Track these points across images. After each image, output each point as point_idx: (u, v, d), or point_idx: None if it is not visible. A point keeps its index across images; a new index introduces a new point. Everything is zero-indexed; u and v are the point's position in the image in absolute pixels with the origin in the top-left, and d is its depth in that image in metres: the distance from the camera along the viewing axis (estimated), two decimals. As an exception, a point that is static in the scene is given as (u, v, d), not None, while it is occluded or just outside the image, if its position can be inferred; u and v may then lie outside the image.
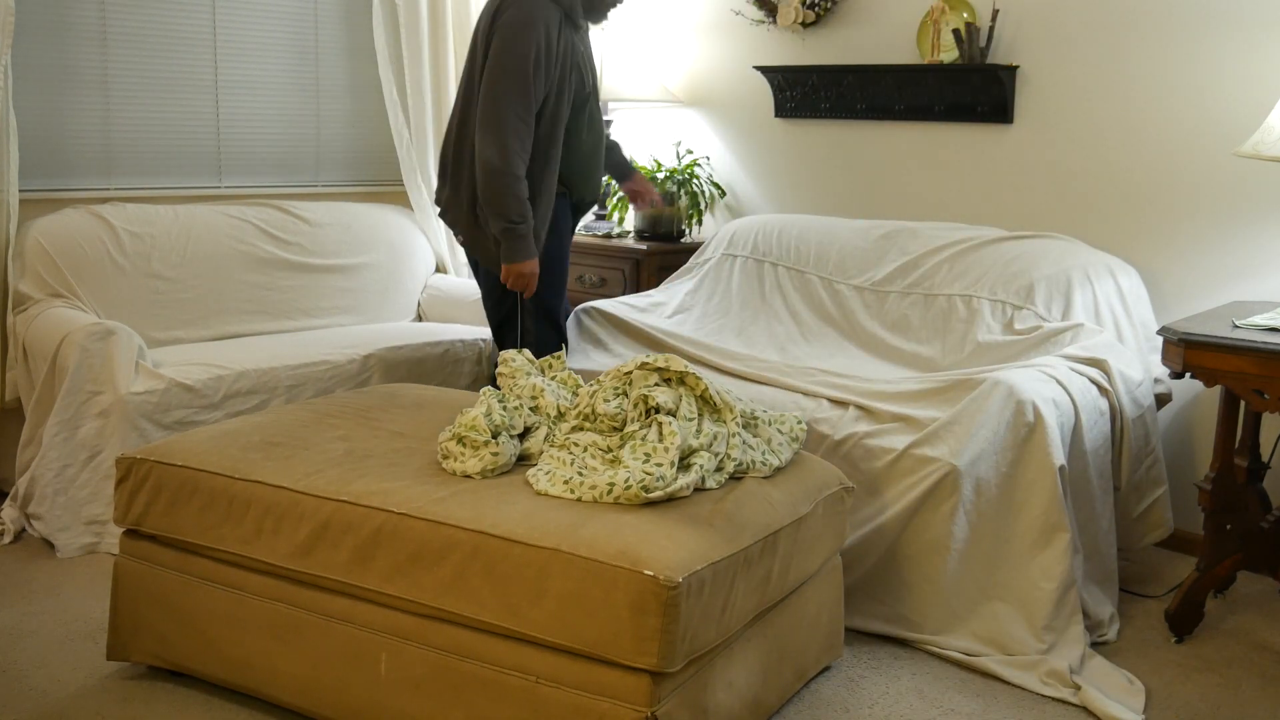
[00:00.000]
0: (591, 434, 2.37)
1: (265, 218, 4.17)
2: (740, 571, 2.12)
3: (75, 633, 2.78)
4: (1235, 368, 2.63)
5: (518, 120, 3.08)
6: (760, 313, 3.79)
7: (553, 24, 3.12)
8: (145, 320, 3.75)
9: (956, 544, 2.73)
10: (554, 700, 2.03)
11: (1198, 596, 2.88)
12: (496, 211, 3.11)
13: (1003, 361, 3.19)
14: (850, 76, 4.06)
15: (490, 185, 3.10)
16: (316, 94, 4.49)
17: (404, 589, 2.17)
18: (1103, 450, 2.95)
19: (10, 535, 3.33)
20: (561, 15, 3.17)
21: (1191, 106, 3.40)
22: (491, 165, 3.08)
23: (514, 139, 3.08)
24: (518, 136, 3.08)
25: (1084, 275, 3.32)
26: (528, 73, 3.07)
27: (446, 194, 3.34)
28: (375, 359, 3.80)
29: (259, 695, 2.42)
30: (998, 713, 2.52)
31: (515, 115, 3.08)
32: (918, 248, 3.63)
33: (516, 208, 3.10)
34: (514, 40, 3.08)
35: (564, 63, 3.18)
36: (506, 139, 3.07)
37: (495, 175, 3.08)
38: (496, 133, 3.07)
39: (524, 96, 3.08)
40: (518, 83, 3.07)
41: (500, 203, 3.10)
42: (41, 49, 3.78)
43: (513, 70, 3.07)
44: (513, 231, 3.12)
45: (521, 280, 3.19)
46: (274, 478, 2.36)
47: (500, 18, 3.13)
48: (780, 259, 3.87)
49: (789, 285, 3.81)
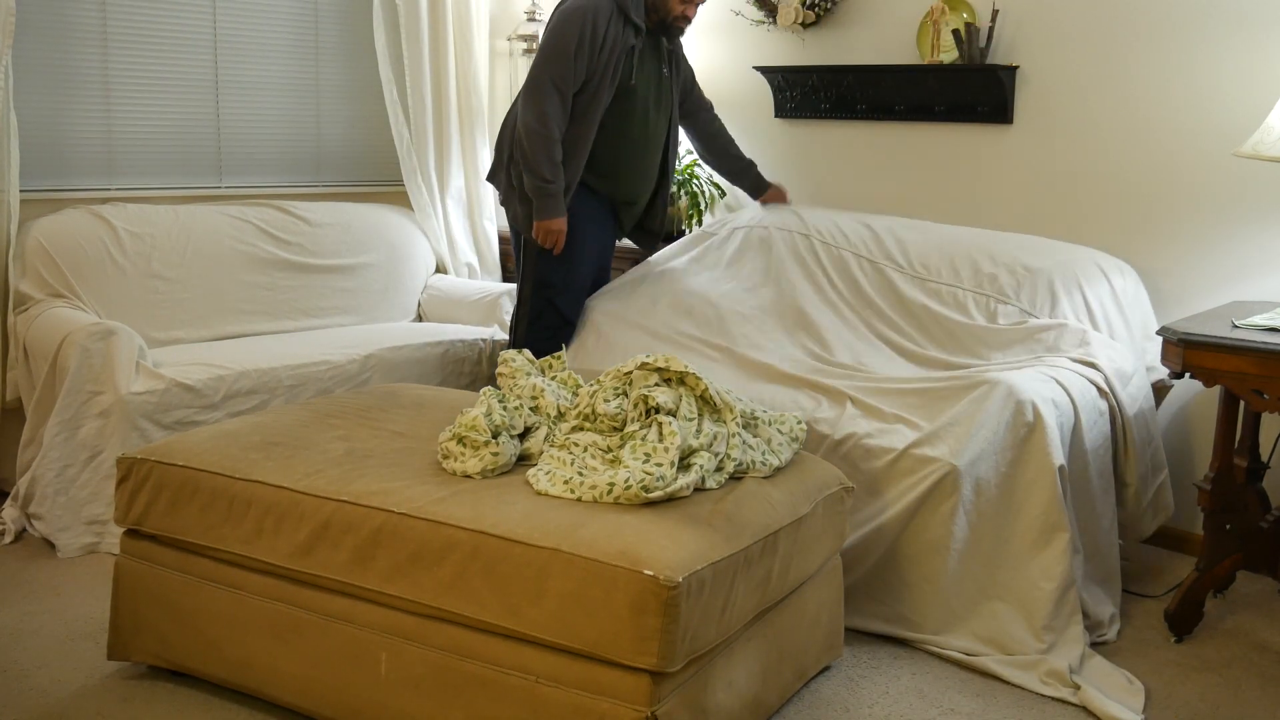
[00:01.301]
0: (591, 434, 2.37)
1: (265, 218, 4.17)
2: (740, 571, 2.12)
3: (76, 632, 2.78)
4: (1235, 368, 2.63)
5: (555, 91, 3.40)
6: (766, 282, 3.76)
7: (602, 14, 3.41)
8: (146, 320, 3.76)
9: (956, 544, 2.73)
10: (554, 700, 2.03)
11: (1197, 596, 2.88)
12: (530, 169, 3.42)
13: (985, 350, 3.21)
14: (850, 76, 4.06)
15: (527, 145, 3.41)
16: (316, 94, 4.49)
17: (404, 589, 2.17)
18: (1103, 450, 2.95)
19: (11, 535, 3.33)
20: (614, 8, 3.43)
21: (1191, 106, 3.40)
22: (530, 127, 3.40)
23: (551, 106, 3.39)
24: (555, 105, 3.40)
25: (1074, 274, 3.31)
26: (569, 52, 3.37)
27: (494, 162, 3.72)
28: (375, 359, 3.80)
29: (259, 695, 2.43)
30: (998, 713, 2.52)
31: (554, 87, 3.39)
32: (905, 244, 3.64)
33: (550, 168, 3.41)
34: (562, 23, 3.42)
35: (612, 51, 3.43)
36: (545, 106, 3.39)
37: (531, 136, 3.40)
38: (536, 100, 3.40)
39: (564, 71, 3.39)
40: (559, 59, 3.39)
41: (534, 161, 3.41)
42: (42, 49, 3.78)
43: (556, 49, 3.39)
44: (543, 190, 3.42)
45: (550, 236, 3.48)
46: (274, 478, 2.36)
47: (559, 6, 3.49)
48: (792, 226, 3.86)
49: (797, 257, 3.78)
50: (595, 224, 3.64)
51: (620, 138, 3.56)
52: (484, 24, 4.70)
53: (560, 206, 3.45)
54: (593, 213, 3.62)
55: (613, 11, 3.43)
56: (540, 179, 3.42)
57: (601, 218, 3.67)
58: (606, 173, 3.59)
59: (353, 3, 4.52)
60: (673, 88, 3.70)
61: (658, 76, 3.63)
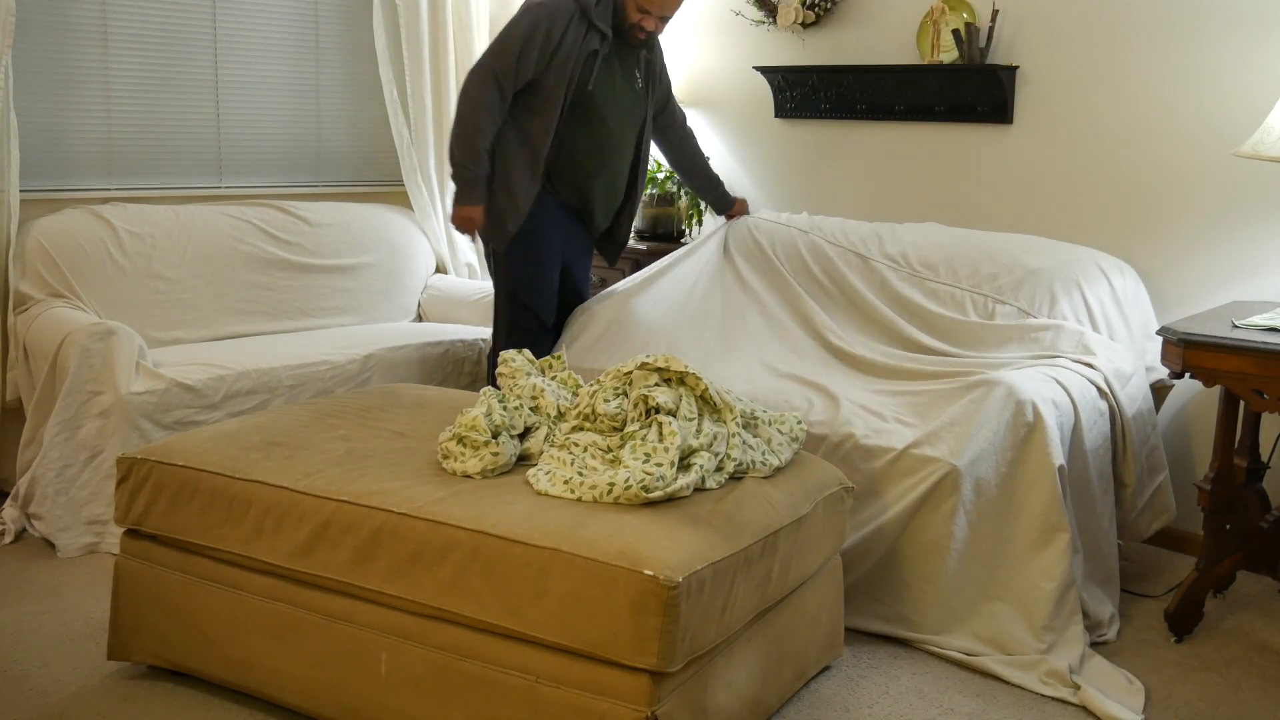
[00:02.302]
0: (591, 434, 2.37)
1: (265, 218, 4.17)
2: (740, 571, 2.12)
3: (76, 632, 2.78)
4: (1235, 368, 2.63)
5: (495, 83, 3.33)
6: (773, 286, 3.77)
7: (561, 16, 3.31)
8: (146, 320, 3.75)
9: (956, 544, 2.73)
10: (554, 700, 2.03)
11: (1197, 596, 2.88)
12: (452, 152, 3.40)
13: (980, 347, 3.22)
14: (850, 77, 4.06)
15: (454, 129, 3.39)
16: (316, 94, 4.49)
17: (404, 589, 2.17)
18: (1103, 450, 2.95)
19: (11, 535, 3.33)
20: (576, 10, 3.34)
21: (1191, 106, 3.40)
22: (460, 112, 3.37)
23: (487, 96, 3.33)
24: (491, 96, 3.34)
25: (1073, 274, 3.31)
26: (515, 49, 3.31)
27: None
28: (375, 359, 3.80)
29: (259, 695, 2.43)
30: (997, 713, 2.52)
31: (495, 79, 3.33)
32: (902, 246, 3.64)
33: (470, 155, 3.37)
34: (519, 18, 3.35)
35: (569, 55, 3.33)
36: (480, 94, 3.34)
37: (460, 120, 3.37)
38: (474, 88, 3.35)
39: (507, 66, 3.32)
40: (505, 53, 3.33)
41: (457, 145, 3.38)
42: (42, 49, 3.78)
43: (505, 42, 3.34)
44: (461, 175, 3.40)
45: (464, 224, 3.47)
46: (274, 478, 2.36)
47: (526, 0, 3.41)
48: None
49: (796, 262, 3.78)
50: (561, 232, 3.54)
51: (581, 146, 3.46)
52: (484, 24, 4.70)
53: (477, 194, 3.41)
54: (558, 220, 3.53)
55: (574, 14, 3.34)
56: (458, 164, 3.39)
57: (568, 225, 3.57)
58: (570, 181, 3.50)
59: (353, 3, 4.52)
60: (646, 99, 3.58)
61: (628, 86, 3.51)
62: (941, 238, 3.62)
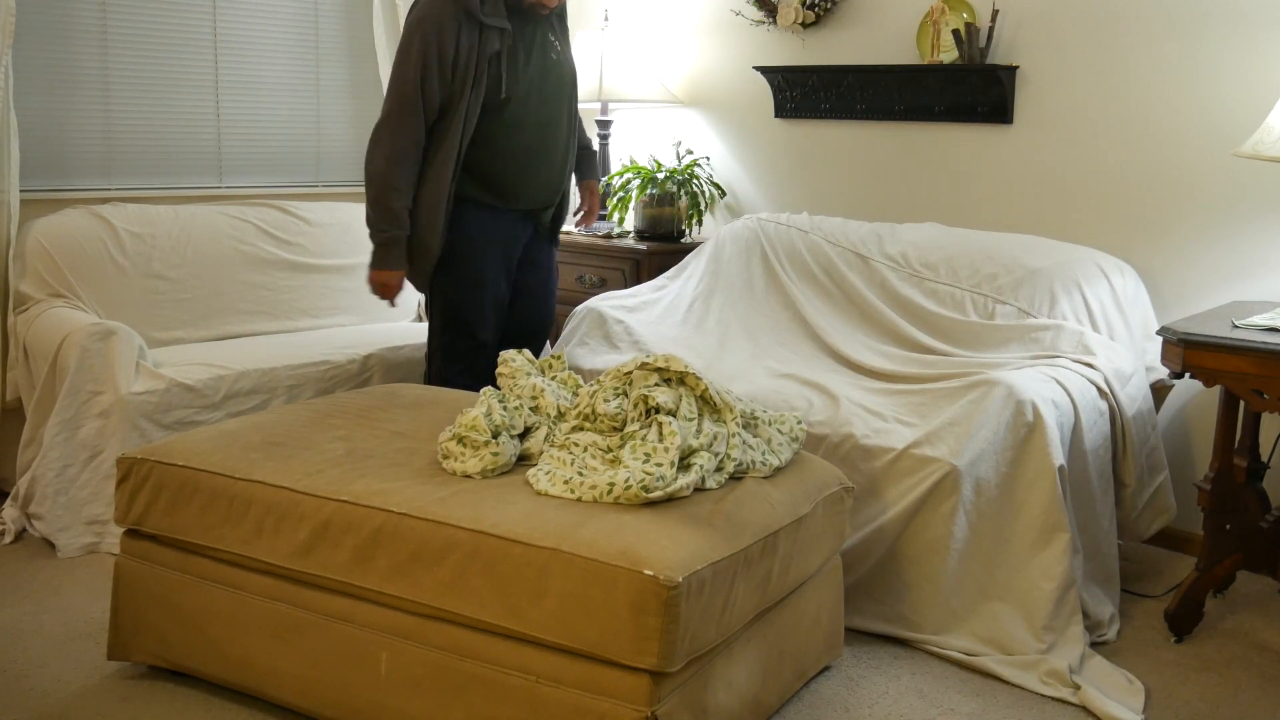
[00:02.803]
0: (591, 434, 2.37)
1: (265, 218, 4.17)
2: (740, 571, 2.12)
3: (76, 632, 2.78)
4: (1235, 368, 2.63)
5: (401, 131, 3.11)
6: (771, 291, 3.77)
7: (447, 24, 3.04)
8: (145, 320, 3.75)
9: (956, 544, 2.73)
10: (554, 700, 2.03)
11: (1197, 596, 2.88)
12: (369, 219, 3.19)
13: (980, 346, 3.21)
14: (850, 77, 4.06)
15: (369, 189, 3.17)
16: (316, 94, 4.49)
17: (404, 589, 2.17)
18: (1103, 450, 2.95)
19: (11, 535, 3.33)
20: (460, 13, 3.05)
21: (1191, 106, 3.40)
22: (373, 171, 3.15)
23: (400, 146, 3.11)
24: (402, 147, 3.12)
25: (1073, 274, 3.31)
26: (413, 80, 3.07)
27: None
28: (375, 359, 3.80)
29: (259, 695, 2.43)
30: (997, 713, 2.52)
31: (400, 125, 3.11)
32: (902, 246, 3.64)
33: (387, 216, 3.16)
34: (405, 44, 3.11)
35: (467, 65, 3.09)
36: (392, 146, 3.12)
37: (373, 180, 3.15)
38: (384, 141, 3.14)
39: (408, 105, 3.09)
40: (402, 91, 3.10)
41: (372, 209, 3.17)
42: (41, 49, 3.78)
43: (400, 83, 3.11)
44: (379, 238, 3.20)
45: (382, 290, 3.28)
46: (274, 478, 2.36)
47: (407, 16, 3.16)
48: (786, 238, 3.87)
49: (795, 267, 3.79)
50: (496, 242, 3.30)
51: (509, 151, 3.23)
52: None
53: (395, 259, 3.19)
54: (488, 228, 3.28)
55: (459, 19, 3.04)
56: (374, 227, 3.17)
57: (501, 230, 3.31)
58: (501, 187, 3.26)
59: (353, 3, 4.52)
60: (567, 60, 3.32)
61: (544, 61, 3.24)
62: (941, 238, 3.63)
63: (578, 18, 4.93)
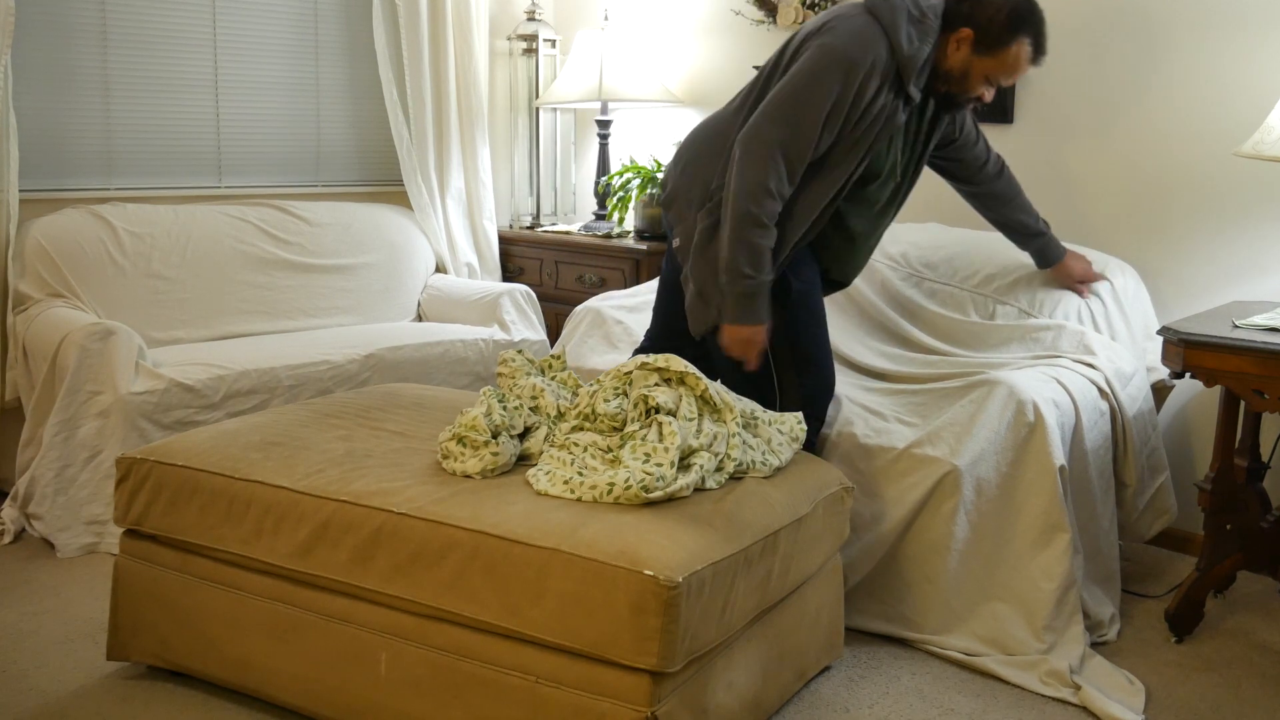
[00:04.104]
0: (591, 434, 2.37)
1: (265, 218, 4.17)
2: (740, 571, 2.12)
3: (75, 633, 2.78)
4: (1235, 368, 2.63)
5: (783, 161, 2.57)
6: None
7: (876, 73, 2.56)
8: (145, 320, 3.75)
9: (957, 544, 2.73)
10: (554, 700, 2.03)
11: (1198, 596, 2.88)
12: (733, 264, 2.58)
13: (981, 347, 3.21)
14: (850, 76, 4.04)
15: (733, 230, 2.58)
16: (316, 94, 4.49)
17: (404, 589, 2.17)
18: (1103, 450, 2.95)
19: (10, 535, 3.33)
20: (893, 70, 2.58)
21: (1191, 107, 3.40)
22: (737, 209, 2.57)
23: (774, 180, 2.56)
24: (778, 179, 2.57)
25: None
26: (817, 117, 2.56)
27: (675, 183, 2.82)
28: (375, 359, 3.80)
29: (259, 695, 2.42)
30: (998, 713, 2.52)
31: (782, 155, 2.57)
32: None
33: (755, 260, 2.58)
34: (821, 72, 2.55)
35: (872, 125, 2.63)
36: (765, 178, 2.56)
37: (739, 220, 2.57)
38: (755, 167, 2.57)
39: (800, 140, 2.57)
40: (799, 123, 2.57)
41: (740, 252, 2.57)
42: (41, 49, 3.78)
43: (802, 105, 2.56)
44: (741, 287, 2.59)
45: (741, 346, 2.66)
46: (274, 478, 2.36)
47: (823, 34, 2.60)
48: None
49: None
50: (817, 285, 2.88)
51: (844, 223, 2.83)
52: (484, 24, 4.70)
53: (760, 311, 2.61)
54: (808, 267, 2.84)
55: (891, 74, 2.58)
56: (738, 273, 2.58)
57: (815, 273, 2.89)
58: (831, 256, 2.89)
59: (353, 3, 4.52)
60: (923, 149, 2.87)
61: (910, 149, 2.84)
62: (942, 237, 3.63)
63: (578, 18, 4.93)
